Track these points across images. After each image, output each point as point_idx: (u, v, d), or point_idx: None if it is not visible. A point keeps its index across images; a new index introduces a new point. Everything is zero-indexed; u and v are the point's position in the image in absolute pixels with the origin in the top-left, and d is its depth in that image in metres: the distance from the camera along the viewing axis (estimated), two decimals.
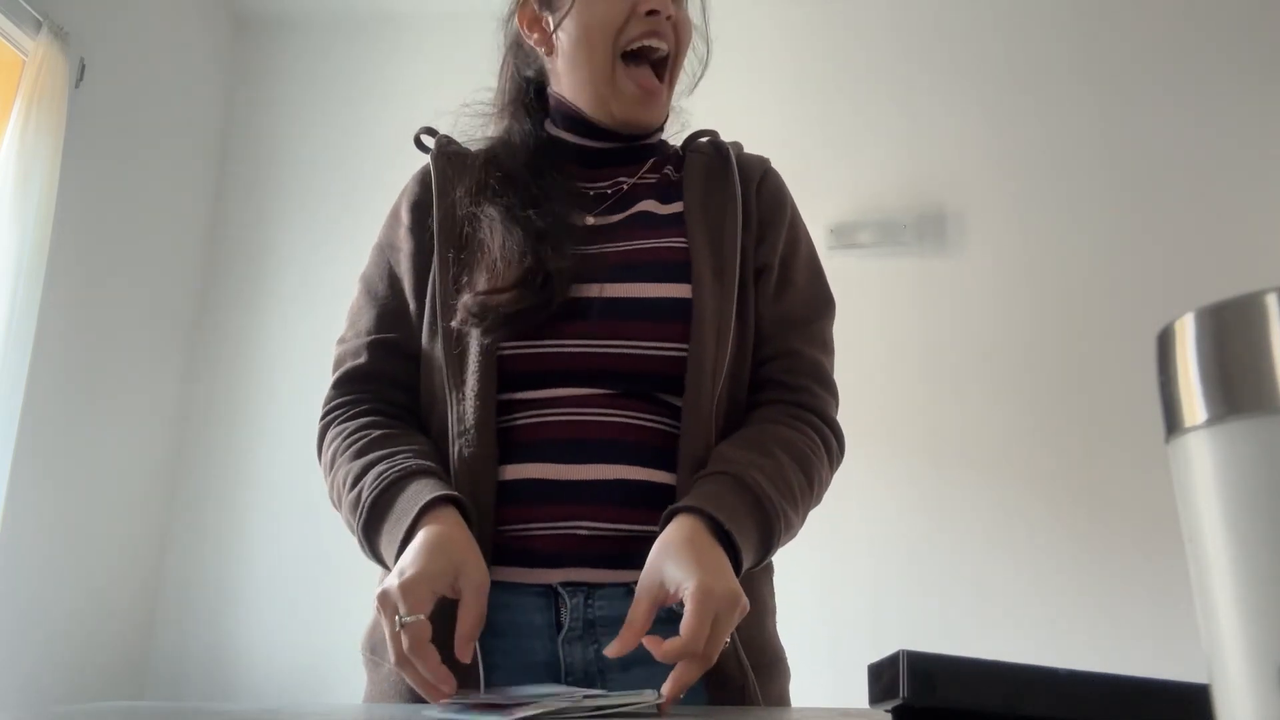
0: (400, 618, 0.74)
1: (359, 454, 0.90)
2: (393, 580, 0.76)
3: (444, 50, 3.23)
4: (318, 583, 2.92)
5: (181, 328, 3.20)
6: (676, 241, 0.97)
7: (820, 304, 1.02)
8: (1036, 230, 2.92)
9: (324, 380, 1.00)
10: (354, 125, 3.34)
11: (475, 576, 0.78)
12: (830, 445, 0.96)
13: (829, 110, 3.11)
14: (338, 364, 1.00)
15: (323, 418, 0.97)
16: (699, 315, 0.92)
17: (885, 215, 2.97)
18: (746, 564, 0.83)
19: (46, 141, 2.53)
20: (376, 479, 0.86)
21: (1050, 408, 2.77)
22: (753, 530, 0.83)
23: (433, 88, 3.26)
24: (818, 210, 2.97)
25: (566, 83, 1.01)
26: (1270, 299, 0.24)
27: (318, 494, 1.08)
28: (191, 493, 3.12)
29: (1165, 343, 0.26)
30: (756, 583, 0.96)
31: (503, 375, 0.91)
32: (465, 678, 0.84)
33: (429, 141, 1.05)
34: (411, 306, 0.98)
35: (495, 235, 0.94)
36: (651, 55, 0.98)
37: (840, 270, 2.95)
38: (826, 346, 1.01)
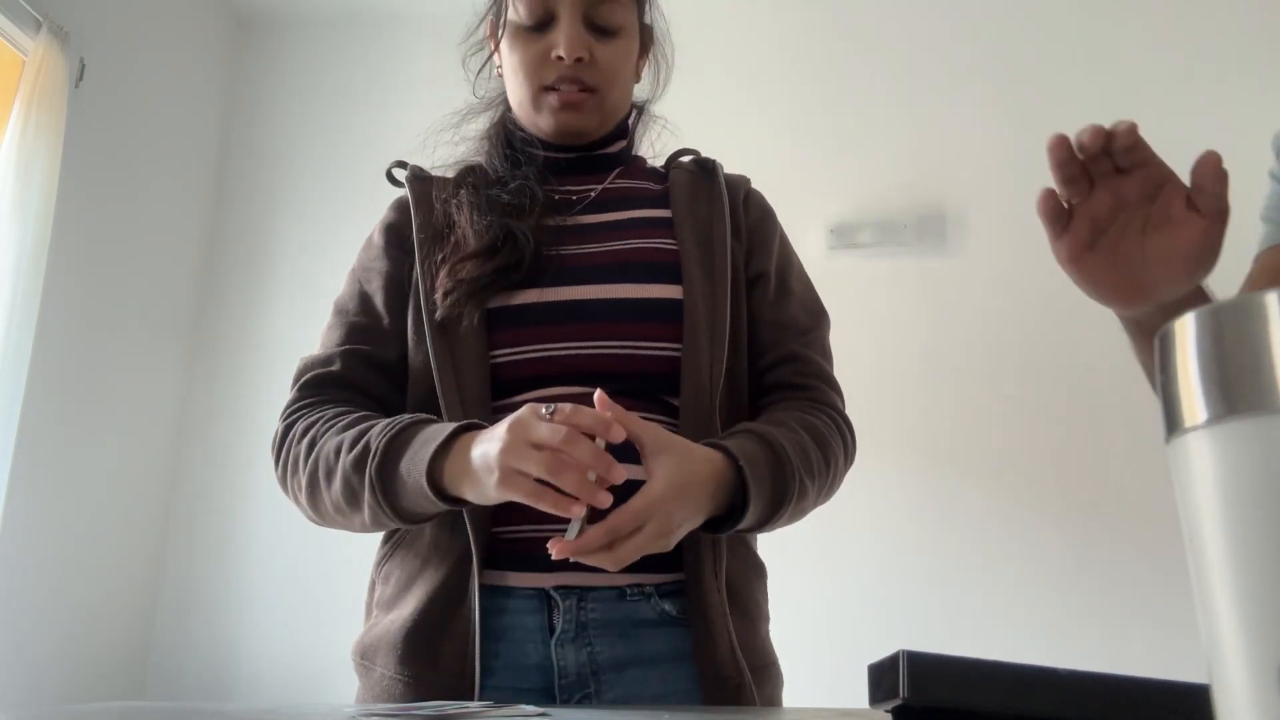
0: (546, 408, 0.75)
1: (349, 425, 0.88)
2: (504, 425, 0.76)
3: (445, 49, 3.22)
4: (317, 582, 2.92)
5: (181, 328, 3.20)
6: (666, 243, 0.98)
7: (818, 314, 1.04)
8: (1037, 230, 2.88)
9: None
10: (354, 124, 3.34)
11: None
12: (845, 436, 0.97)
13: (829, 110, 3.11)
14: (303, 371, 0.97)
15: (285, 417, 0.94)
16: (691, 315, 0.92)
17: (885, 215, 2.97)
18: (751, 518, 0.83)
19: (46, 141, 2.53)
20: (385, 429, 0.84)
21: (1050, 407, 2.77)
22: (768, 486, 0.83)
23: (434, 87, 3.26)
24: (818, 210, 2.97)
25: (512, 103, 1.05)
26: (1270, 299, 0.24)
27: None
28: (191, 492, 3.12)
29: (1165, 343, 0.26)
30: (750, 587, 0.96)
31: (495, 381, 0.92)
32: (460, 682, 0.85)
33: (401, 174, 1.07)
34: (385, 322, 0.97)
35: (463, 213, 0.97)
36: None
37: (840, 270, 2.97)
38: (827, 354, 1.03)
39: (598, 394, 0.77)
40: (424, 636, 0.87)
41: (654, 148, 1.12)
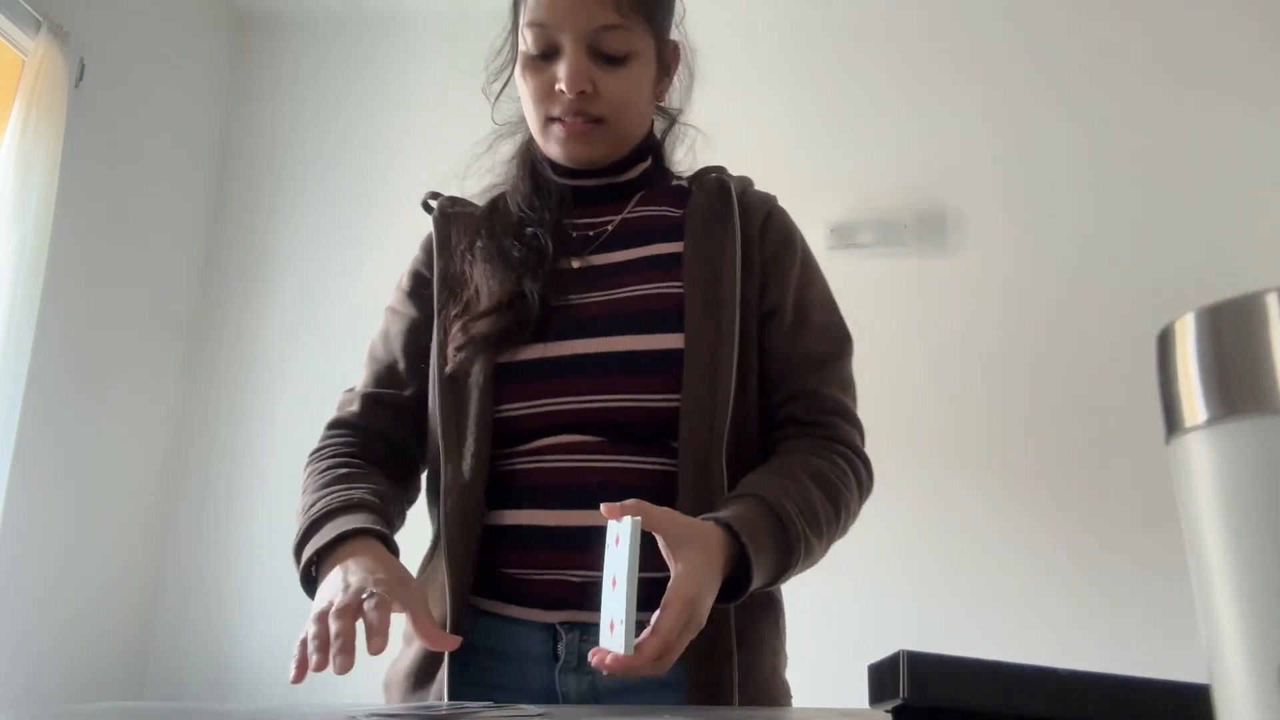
0: (375, 578, 0.80)
1: (320, 488, 0.96)
2: (340, 576, 0.82)
3: (447, 49, 3.22)
4: None
5: (181, 328, 3.20)
6: (671, 287, 0.97)
7: (839, 342, 1.02)
8: (1037, 230, 2.92)
9: (323, 377, 1.02)
10: (355, 125, 3.34)
11: (418, 591, 0.83)
12: (860, 475, 0.96)
13: (829, 110, 3.11)
14: (337, 408, 1.07)
15: (309, 454, 1.04)
16: (691, 365, 0.92)
17: (885, 215, 2.97)
18: (755, 585, 0.83)
19: (46, 141, 2.53)
20: (322, 508, 0.92)
21: (1050, 407, 2.77)
22: (771, 552, 0.83)
23: (436, 87, 3.26)
24: (817, 210, 2.97)
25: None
26: (1270, 299, 0.24)
27: None
28: (191, 493, 3.12)
29: (1165, 343, 0.26)
30: (755, 622, 0.94)
31: (502, 433, 0.94)
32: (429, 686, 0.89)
33: (433, 204, 1.10)
34: (402, 366, 1.04)
35: (477, 267, 1.00)
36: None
37: (840, 270, 2.94)
38: (847, 385, 1.01)
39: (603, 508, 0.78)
40: (424, 667, 0.93)
41: (694, 153, 1.10)
